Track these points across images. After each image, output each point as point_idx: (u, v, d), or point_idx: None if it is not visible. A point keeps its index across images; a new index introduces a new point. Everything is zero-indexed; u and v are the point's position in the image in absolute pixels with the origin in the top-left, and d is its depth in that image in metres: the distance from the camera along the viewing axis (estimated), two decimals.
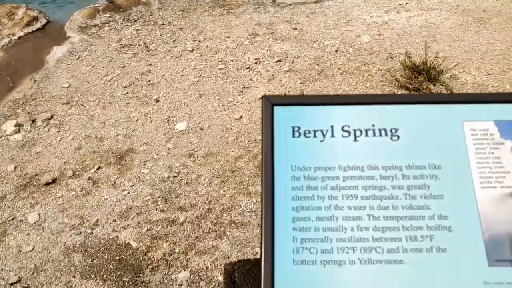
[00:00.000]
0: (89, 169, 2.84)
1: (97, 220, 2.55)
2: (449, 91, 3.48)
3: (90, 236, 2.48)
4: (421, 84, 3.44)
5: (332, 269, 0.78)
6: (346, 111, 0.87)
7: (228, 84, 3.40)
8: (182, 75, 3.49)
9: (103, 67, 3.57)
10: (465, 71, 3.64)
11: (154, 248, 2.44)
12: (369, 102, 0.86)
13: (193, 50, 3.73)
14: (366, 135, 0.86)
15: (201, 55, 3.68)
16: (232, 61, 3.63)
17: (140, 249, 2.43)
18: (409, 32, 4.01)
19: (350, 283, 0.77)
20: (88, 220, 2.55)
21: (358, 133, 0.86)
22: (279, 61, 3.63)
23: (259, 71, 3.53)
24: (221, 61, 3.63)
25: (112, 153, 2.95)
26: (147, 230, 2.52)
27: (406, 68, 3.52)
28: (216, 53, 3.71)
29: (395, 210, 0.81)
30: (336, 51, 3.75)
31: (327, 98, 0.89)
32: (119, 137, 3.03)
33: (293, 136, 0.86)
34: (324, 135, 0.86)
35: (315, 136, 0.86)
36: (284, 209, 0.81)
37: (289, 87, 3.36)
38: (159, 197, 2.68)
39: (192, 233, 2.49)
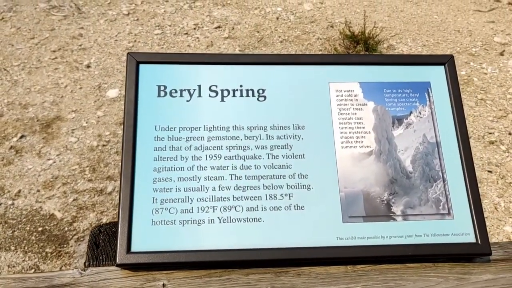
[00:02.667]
0: (12, 137, 2.69)
1: (19, 191, 2.44)
2: None
3: (11, 207, 2.39)
4: (359, 54, 3.48)
5: (191, 228, 0.78)
6: (215, 71, 0.86)
7: (164, 50, 3.29)
8: (116, 40, 3.34)
9: (29, 29, 3.35)
10: (402, 41, 3.71)
11: (80, 218, 2.39)
12: (238, 62, 0.85)
13: (129, 13, 3.57)
14: (234, 95, 0.85)
15: (137, 19, 3.53)
16: (169, 26, 3.50)
17: (65, 219, 2.37)
18: (350, 2, 4.02)
19: (207, 241, 0.78)
20: (9, 191, 2.44)
21: (225, 93, 0.85)
22: (219, 27, 3.55)
23: (198, 37, 3.44)
24: (158, 26, 3.50)
25: (37, 120, 2.82)
26: (73, 200, 2.46)
27: (345, 37, 3.54)
28: (153, 18, 3.56)
29: (257, 169, 0.81)
30: (277, 18, 3.71)
31: (195, 56, 0.87)
32: (45, 104, 2.89)
33: (159, 96, 0.83)
34: (191, 95, 0.84)
35: (181, 95, 0.84)
36: (145, 170, 0.80)
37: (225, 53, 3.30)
38: (87, 166, 2.60)
39: None
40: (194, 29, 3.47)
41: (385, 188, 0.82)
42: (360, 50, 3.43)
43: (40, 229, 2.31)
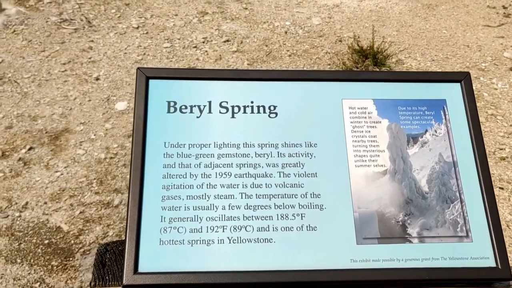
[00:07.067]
0: (20, 149, 2.70)
1: (27, 203, 2.44)
2: None
3: (18, 219, 2.38)
4: (367, 68, 3.47)
5: (200, 249, 0.76)
6: (225, 87, 0.84)
7: (173, 63, 3.30)
8: (125, 53, 3.36)
9: (40, 42, 3.38)
10: (411, 56, 3.70)
11: (86, 231, 2.37)
12: (249, 78, 0.83)
13: (138, 27, 3.60)
14: (244, 111, 0.83)
15: (146, 33, 3.55)
16: (178, 39, 3.52)
17: (71, 232, 2.35)
18: (359, 16, 4.02)
19: (216, 262, 0.75)
20: (16, 203, 2.44)
21: (236, 109, 0.83)
22: (228, 41, 3.56)
23: (206, 51, 3.45)
24: (167, 39, 3.52)
25: (46, 132, 2.82)
26: (80, 212, 2.44)
27: (354, 52, 3.53)
28: (163, 31, 3.59)
29: (268, 188, 0.79)
30: (286, 32, 3.72)
31: (206, 72, 0.86)
32: (54, 116, 2.90)
33: (168, 112, 0.82)
34: (201, 111, 0.82)
35: (191, 111, 0.82)
36: (154, 188, 0.78)
37: (236, 68, 3.31)
38: (95, 178, 2.59)
39: None
40: (203, 42, 3.49)
41: (400, 209, 0.79)
42: (368, 64, 3.42)
43: (46, 241, 2.30)
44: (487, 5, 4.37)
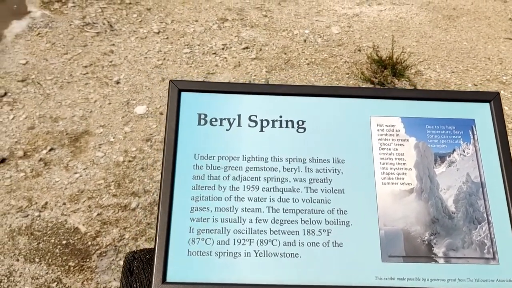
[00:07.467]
0: (41, 150, 2.76)
1: (46, 203, 2.48)
2: (412, 87, 3.52)
3: (38, 219, 2.42)
4: (386, 79, 3.46)
5: (227, 261, 0.77)
6: (255, 101, 0.86)
7: (192, 69, 3.34)
8: (145, 58, 3.41)
9: (63, 45, 3.46)
10: (430, 67, 3.67)
11: (103, 233, 2.41)
12: (278, 93, 0.85)
13: (159, 32, 3.65)
14: (273, 126, 0.84)
15: (167, 38, 3.60)
16: (198, 45, 3.56)
17: (89, 233, 2.38)
18: (379, 26, 4.02)
19: (243, 274, 0.76)
20: (36, 203, 2.49)
21: (265, 123, 0.85)
22: (247, 48, 3.59)
23: (225, 57, 3.48)
24: (187, 45, 3.56)
25: (66, 134, 2.88)
26: (98, 214, 2.48)
27: (373, 61, 3.52)
28: (183, 37, 3.63)
29: (295, 203, 0.80)
30: (305, 41, 3.73)
31: (236, 86, 0.87)
32: (75, 118, 2.96)
33: (199, 124, 0.84)
34: (230, 124, 0.84)
35: (221, 124, 0.84)
36: (183, 199, 0.79)
37: (255, 75, 3.33)
38: (113, 181, 2.63)
39: (144, 219, 2.46)
40: (222, 49, 3.52)
41: (426, 228, 0.80)
42: (387, 74, 3.41)
43: (64, 242, 2.34)
44: (509, 18, 4.32)
